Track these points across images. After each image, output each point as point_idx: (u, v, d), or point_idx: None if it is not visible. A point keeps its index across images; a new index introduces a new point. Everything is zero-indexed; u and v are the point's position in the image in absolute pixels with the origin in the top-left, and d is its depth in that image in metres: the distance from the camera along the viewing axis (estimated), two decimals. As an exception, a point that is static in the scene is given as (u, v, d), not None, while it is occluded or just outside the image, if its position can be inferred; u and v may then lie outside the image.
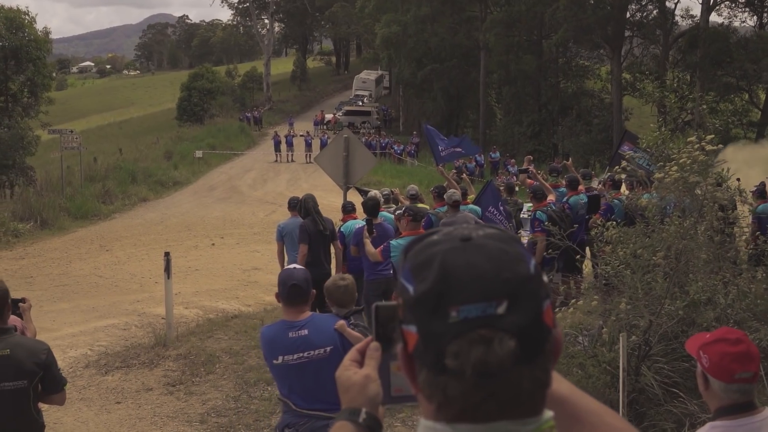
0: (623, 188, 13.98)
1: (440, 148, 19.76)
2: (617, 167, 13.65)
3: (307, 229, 11.65)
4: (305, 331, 5.44)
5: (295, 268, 5.78)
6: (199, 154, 47.45)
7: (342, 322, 5.54)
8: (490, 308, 1.32)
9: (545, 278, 1.41)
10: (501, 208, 14.25)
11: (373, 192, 13.61)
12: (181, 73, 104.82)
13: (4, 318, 5.28)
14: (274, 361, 5.48)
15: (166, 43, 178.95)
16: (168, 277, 13.00)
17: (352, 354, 1.78)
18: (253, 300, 16.93)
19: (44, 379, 5.30)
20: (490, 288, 1.33)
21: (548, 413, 1.40)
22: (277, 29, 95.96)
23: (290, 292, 5.45)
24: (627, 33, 55.84)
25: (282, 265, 12.22)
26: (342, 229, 12.32)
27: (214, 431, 9.09)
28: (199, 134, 56.55)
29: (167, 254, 13.11)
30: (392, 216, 12.59)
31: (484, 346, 1.31)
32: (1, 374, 5.11)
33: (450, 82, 60.98)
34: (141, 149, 50.04)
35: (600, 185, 14.74)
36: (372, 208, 11.83)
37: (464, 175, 19.27)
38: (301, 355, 5.38)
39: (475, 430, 1.36)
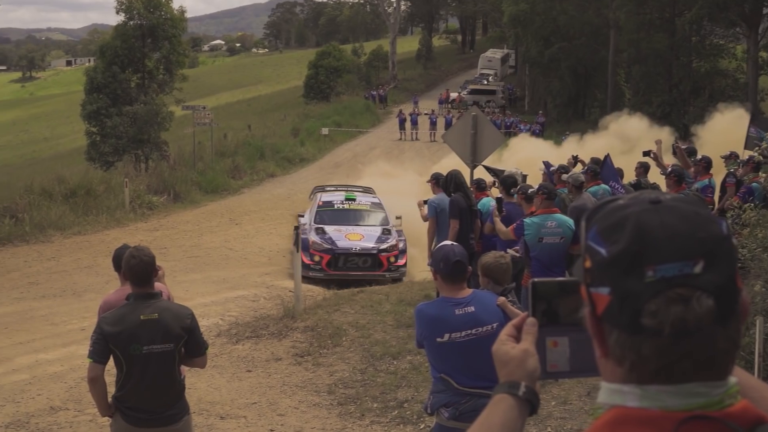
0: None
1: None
2: (756, 149, 13.21)
3: (459, 204, 11.50)
4: (472, 308, 5.35)
5: (453, 244, 5.64)
6: (325, 131, 48.01)
7: (503, 298, 5.46)
8: (687, 267, 1.33)
9: (735, 241, 1.40)
10: (621, 183, 13.99)
11: (512, 170, 13.36)
12: (308, 52, 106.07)
13: (152, 283, 5.51)
14: (438, 339, 5.35)
15: (293, 22, 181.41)
16: (297, 251, 13.27)
17: (508, 329, 1.81)
18: (378, 276, 17.14)
19: (188, 342, 5.51)
20: (687, 247, 1.34)
21: (733, 378, 1.40)
22: (403, 7, 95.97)
23: (454, 268, 5.35)
24: (765, 10, 53.68)
25: (431, 242, 12.12)
26: (480, 206, 12.20)
27: (341, 402, 9.25)
28: (325, 112, 57.17)
29: (296, 228, 13.38)
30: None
31: (682, 305, 1.32)
32: (150, 337, 5.34)
33: (578, 61, 59.89)
34: (269, 126, 50.91)
35: (738, 168, 14.25)
36: (511, 186, 11.74)
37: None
38: (470, 332, 5.30)
39: (666, 390, 1.36)
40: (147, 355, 5.34)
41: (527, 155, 26.29)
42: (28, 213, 22.22)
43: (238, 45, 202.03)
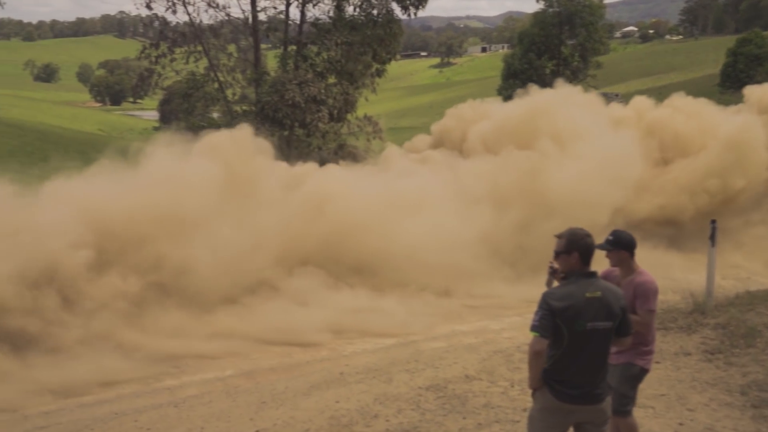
0: None
1: None
2: None
3: None
4: None
5: None
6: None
7: None
8: None
9: None
10: None
11: None
12: (725, 38, 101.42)
13: (590, 263, 5.75)
14: None
15: (711, 7, 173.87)
16: (712, 245, 12.90)
17: None
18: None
19: (621, 321, 5.70)
20: None
21: None
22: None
23: None
24: None
25: None
26: None
27: (756, 404, 8.90)
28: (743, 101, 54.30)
29: (713, 222, 13.00)
30: None
31: None
32: (594, 314, 5.58)
33: None
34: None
35: None
36: None
37: None
38: None
39: None
40: (589, 332, 5.55)
41: None
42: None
43: (651, 32, 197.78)
